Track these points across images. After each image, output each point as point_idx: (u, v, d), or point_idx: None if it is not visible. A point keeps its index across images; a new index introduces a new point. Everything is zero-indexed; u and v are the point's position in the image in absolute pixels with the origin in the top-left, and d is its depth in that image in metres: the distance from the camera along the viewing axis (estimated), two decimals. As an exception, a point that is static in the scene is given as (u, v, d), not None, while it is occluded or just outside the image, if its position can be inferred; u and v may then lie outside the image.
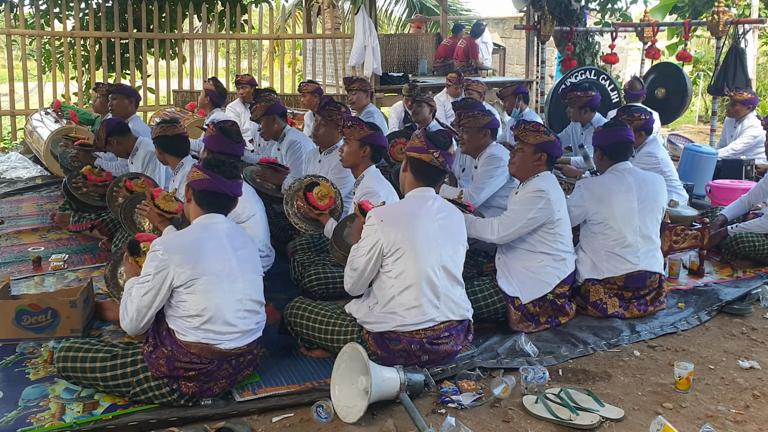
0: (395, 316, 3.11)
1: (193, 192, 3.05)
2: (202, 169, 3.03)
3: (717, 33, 8.11)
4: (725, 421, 2.88)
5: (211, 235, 2.98)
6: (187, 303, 2.86)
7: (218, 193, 3.03)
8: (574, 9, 10.28)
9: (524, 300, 3.65)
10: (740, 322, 3.88)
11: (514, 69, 15.46)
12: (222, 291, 2.91)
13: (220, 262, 2.93)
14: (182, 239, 2.98)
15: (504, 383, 3.06)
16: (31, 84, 10.16)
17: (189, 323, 2.87)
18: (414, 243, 3.09)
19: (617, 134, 4.01)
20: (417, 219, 3.15)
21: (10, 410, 2.92)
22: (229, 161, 3.11)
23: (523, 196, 3.69)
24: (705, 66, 13.41)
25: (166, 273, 2.83)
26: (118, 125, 5.19)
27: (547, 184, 3.69)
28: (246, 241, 3.15)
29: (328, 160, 4.72)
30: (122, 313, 2.96)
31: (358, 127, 3.95)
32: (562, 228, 3.71)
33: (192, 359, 2.86)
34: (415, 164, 3.24)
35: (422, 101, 6.34)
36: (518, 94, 6.67)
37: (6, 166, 8.03)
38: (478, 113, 4.54)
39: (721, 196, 5.75)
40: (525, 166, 3.73)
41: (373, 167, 4.01)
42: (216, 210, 3.06)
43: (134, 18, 10.31)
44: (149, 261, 2.88)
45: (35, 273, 4.64)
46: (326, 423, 2.84)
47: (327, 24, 13.45)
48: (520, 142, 3.75)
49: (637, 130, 5.07)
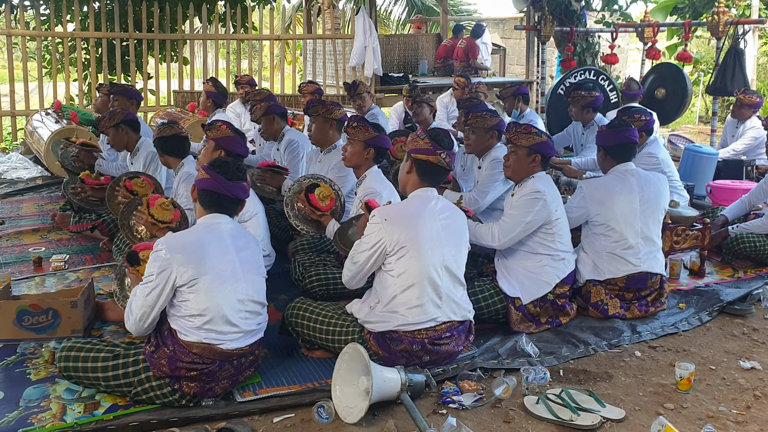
0: (397, 315, 3.11)
1: (197, 191, 3.08)
2: (205, 168, 3.06)
3: (717, 33, 8.11)
4: (726, 422, 2.88)
5: (214, 236, 2.98)
6: (189, 302, 2.86)
7: (218, 194, 3.04)
8: (574, 9, 10.30)
9: (525, 300, 3.65)
10: (741, 323, 3.88)
11: (514, 69, 15.47)
12: (224, 291, 2.91)
13: (223, 262, 2.94)
14: (185, 239, 2.98)
15: (505, 384, 3.06)
16: (31, 85, 10.16)
17: (191, 323, 2.88)
18: (417, 242, 3.09)
19: (622, 135, 4.01)
20: (421, 219, 3.15)
21: (12, 410, 2.93)
22: (234, 163, 3.11)
23: (520, 200, 3.68)
24: (705, 66, 13.41)
25: (169, 272, 2.84)
26: (133, 118, 5.26)
27: (542, 184, 3.68)
28: (249, 242, 3.15)
29: (328, 159, 4.73)
30: (127, 314, 2.97)
31: (363, 129, 3.94)
32: (560, 227, 3.71)
33: (194, 359, 2.86)
34: (421, 166, 3.23)
35: (422, 102, 6.35)
36: (518, 95, 6.69)
37: (6, 166, 8.03)
38: (486, 114, 4.54)
39: (722, 197, 5.75)
40: (520, 168, 3.73)
41: (375, 168, 4.01)
42: (218, 210, 3.06)
43: (135, 19, 10.31)
44: (152, 261, 2.88)
45: (36, 273, 4.63)
46: (327, 423, 2.84)
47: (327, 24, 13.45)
48: (513, 145, 3.74)
49: (638, 130, 5.07)
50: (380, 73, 10.82)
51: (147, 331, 2.95)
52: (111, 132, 5.19)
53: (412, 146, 3.28)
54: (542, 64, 9.80)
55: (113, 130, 5.17)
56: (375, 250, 3.12)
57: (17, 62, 10.30)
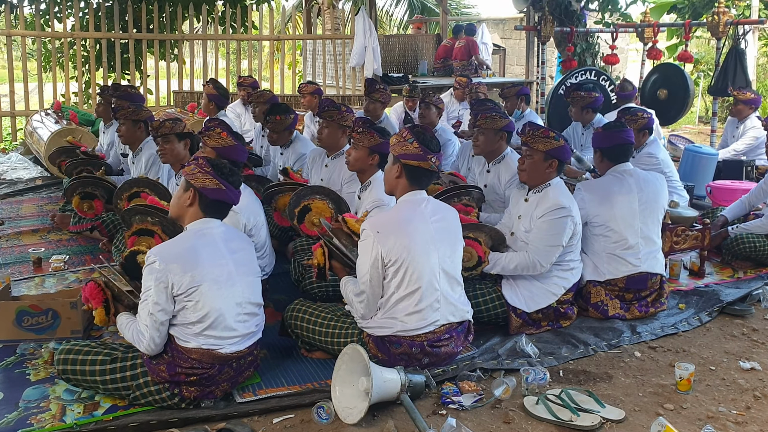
0: (396, 322, 3.10)
1: (201, 198, 2.98)
2: (216, 177, 2.96)
3: (717, 34, 8.10)
4: (726, 422, 2.87)
5: (206, 241, 2.94)
6: (187, 310, 2.84)
7: (226, 202, 3.03)
8: (574, 10, 10.29)
9: (528, 310, 3.63)
10: (741, 323, 3.88)
11: (514, 70, 15.46)
12: (222, 296, 2.89)
13: (218, 267, 2.91)
14: (177, 247, 2.93)
15: (505, 384, 3.05)
16: (31, 84, 10.16)
17: (190, 330, 2.86)
18: (412, 249, 3.07)
19: (617, 136, 4.00)
20: (412, 225, 3.12)
21: (11, 411, 2.93)
22: (237, 170, 3.10)
23: (547, 221, 3.56)
24: (705, 67, 13.41)
25: (166, 283, 2.80)
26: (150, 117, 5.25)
27: (564, 197, 3.60)
28: (242, 243, 3.12)
29: (335, 165, 4.64)
30: (137, 338, 2.86)
31: (369, 135, 3.82)
32: (577, 239, 3.70)
33: (193, 365, 2.86)
34: (411, 171, 3.19)
35: (431, 103, 6.23)
36: (521, 95, 6.71)
37: (6, 166, 8.03)
38: (495, 115, 4.45)
39: (722, 197, 5.74)
40: (536, 174, 3.64)
41: (379, 173, 3.92)
42: (216, 216, 3.04)
43: (134, 18, 10.31)
44: (147, 274, 2.83)
45: (36, 274, 4.63)
46: (327, 424, 2.84)
47: (327, 25, 13.45)
48: (529, 149, 3.64)
49: (641, 129, 5.09)
50: (380, 74, 10.81)
51: (162, 345, 2.87)
52: (129, 125, 5.18)
53: (400, 150, 3.19)
54: (542, 65, 9.79)
55: (131, 124, 5.17)
56: (374, 266, 3.07)
57: (17, 62, 10.30)
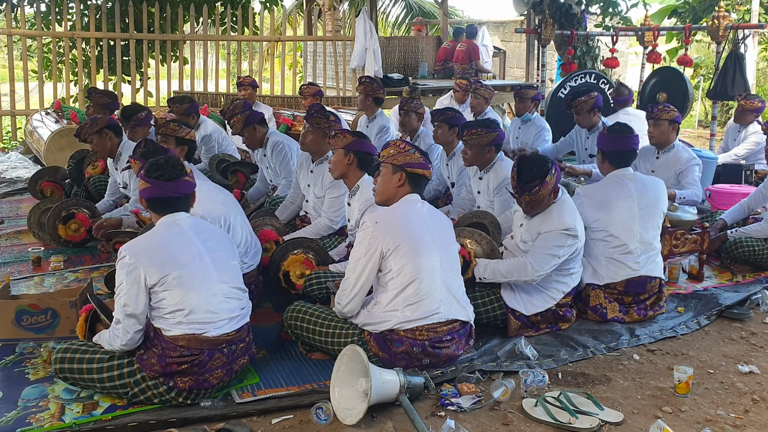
0: (396, 313, 3.12)
1: (144, 201, 3.10)
2: (143, 177, 3.05)
3: (717, 38, 8.12)
4: (725, 426, 2.88)
5: (175, 232, 3.00)
6: (166, 300, 2.87)
7: (164, 198, 3.04)
8: (574, 13, 10.30)
9: (527, 312, 3.63)
10: (740, 327, 3.88)
11: (514, 72, 15.48)
12: (197, 282, 2.92)
13: (189, 254, 2.95)
14: (146, 241, 3.00)
15: (503, 386, 3.06)
16: (31, 84, 10.16)
17: (173, 319, 2.89)
18: (411, 238, 3.14)
19: (621, 141, 4.00)
20: (410, 218, 3.23)
21: (10, 410, 2.92)
22: (168, 161, 3.09)
23: (553, 234, 3.54)
24: (705, 71, 13.42)
25: (137, 274, 2.83)
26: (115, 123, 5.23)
27: (570, 218, 3.57)
28: (212, 231, 3.17)
29: (320, 170, 4.61)
30: (113, 336, 2.89)
31: (341, 136, 3.92)
32: (578, 254, 3.68)
33: (182, 352, 2.87)
34: (414, 179, 3.32)
35: (410, 110, 6.13)
36: (536, 100, 6.94)
37: (6, 166, 8.03)
38: (481, 131, 4.47)
39: (721, 201, 5.75)
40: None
41: (366, 177, 3.95)
42: (171, 211, 3.07)
43: (135, 19, 10.32)
44: (119, 269, 2.88)
45: (35, 273, 4.63)
46: (326, 425, 2.84)
47: (328, 26, 13.47)
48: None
49: (672, 122, 5.21)
50: (380, 75, 10.82)
51: (140, 339, 2.91)
52: (95, 139, 5.13)
53: (404, 160, 3.29)
54: (542, 68, 9.81)
55: (97, 137, 5.12)
56: (370, 256, 3.12)
57: (17, 62, 10.30)
